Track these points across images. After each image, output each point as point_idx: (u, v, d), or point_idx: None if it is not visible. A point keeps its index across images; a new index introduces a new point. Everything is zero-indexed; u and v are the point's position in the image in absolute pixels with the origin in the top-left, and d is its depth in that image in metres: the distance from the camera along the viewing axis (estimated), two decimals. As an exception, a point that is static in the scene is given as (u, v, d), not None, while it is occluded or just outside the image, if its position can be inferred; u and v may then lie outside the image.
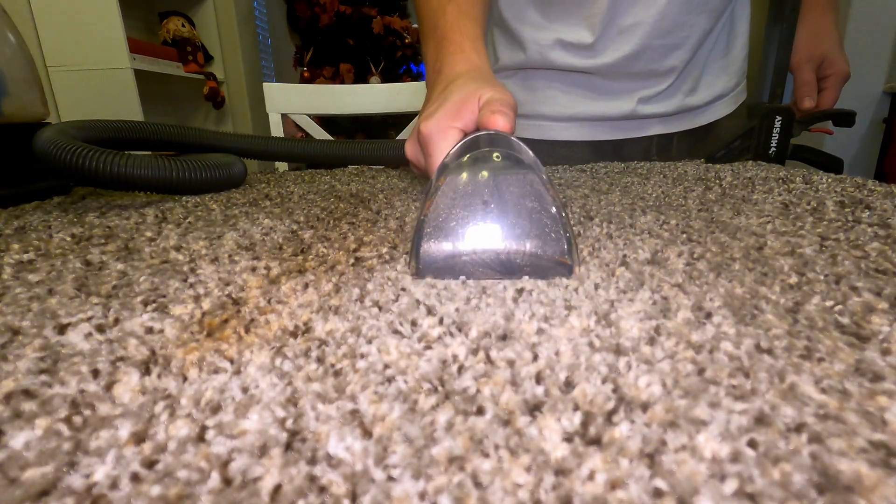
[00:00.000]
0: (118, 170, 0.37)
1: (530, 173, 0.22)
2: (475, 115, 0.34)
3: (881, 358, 0.15)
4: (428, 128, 0.35)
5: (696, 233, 0.29)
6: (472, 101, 0.35)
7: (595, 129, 0.68)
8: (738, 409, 0.12)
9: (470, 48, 0.44)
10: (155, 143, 0.53)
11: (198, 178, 0.43)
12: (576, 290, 0.20)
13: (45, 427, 0.12)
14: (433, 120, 0.35)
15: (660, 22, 0.59)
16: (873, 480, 0.10)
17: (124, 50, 1.56)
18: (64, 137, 0.38)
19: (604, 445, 0.11)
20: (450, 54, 0.43)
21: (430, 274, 0.22)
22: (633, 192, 0.42)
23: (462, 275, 0.22)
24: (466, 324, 0.17)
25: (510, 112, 0.32)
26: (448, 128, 0.34)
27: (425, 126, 0.35)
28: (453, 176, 0.23)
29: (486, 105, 0.34)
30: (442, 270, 0.22)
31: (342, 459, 0.11)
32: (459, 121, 0.35)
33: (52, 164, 0.37)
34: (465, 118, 0.35)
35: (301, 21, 2.42)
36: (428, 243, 0.22)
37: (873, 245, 0.25)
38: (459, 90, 0.37)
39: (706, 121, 0.68)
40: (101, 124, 0.47)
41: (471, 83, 0.37)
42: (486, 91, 0.35)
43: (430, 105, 0.38)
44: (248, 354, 0.16)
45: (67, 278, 0.23)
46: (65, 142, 0.37)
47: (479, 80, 0.38)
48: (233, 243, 0.29)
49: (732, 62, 0.67)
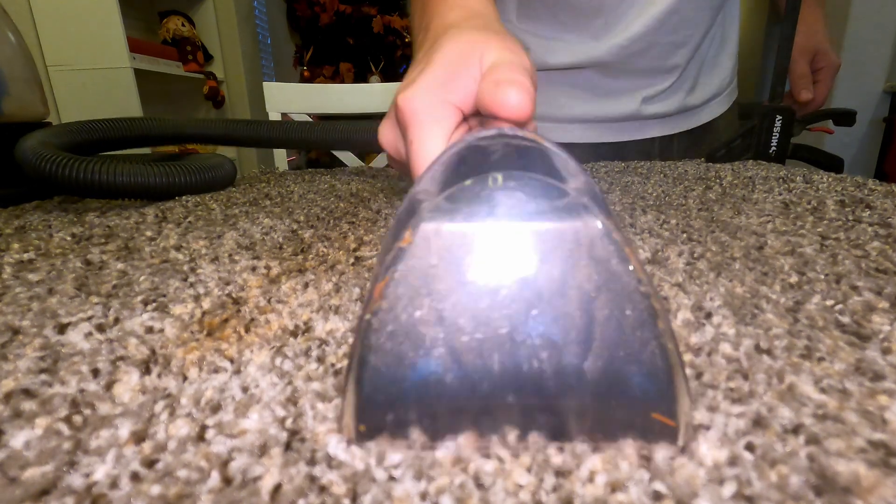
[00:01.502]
0: (98, 178, 0.36)
1: (589, 219, 0.11)
2: (475, 81, 0.24)
3: (881, 357, 0.15)
4: (408, 100, 0.24)
5: (697, 232, 0.29)
6: (472, 61, 0.24)
7: (597, 130, 0.67)
8: (736, 412, 0.12)
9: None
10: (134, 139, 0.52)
11: (183, 181, 0.42)
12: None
13: (45, 426, 0.12)
14: (416, 88, 0.24)
15: (669, 17, 0.58)
16: (872, 481, 0.10)
17: (124, 49, 1.56)
18: (44, 147, 0.37)
19: (604, 448, 0.11)
20: (440, 2, 0.31)
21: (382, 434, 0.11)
22: (634, 191, 0.42)
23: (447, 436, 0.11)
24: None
25: (526, 80, 0.22)
26: (439, 102, 0.24)
27: (405, 98, 0.24)
28: (429, 225, 0.11)
29: (491, 71, 0.23)
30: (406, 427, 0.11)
31: (342, 459, 0.11)
32: (454, 91, 0.24)
33: (33, 174, 0.36)
34: (464, 87, 0.24)
35: (301, 20, 2.42)
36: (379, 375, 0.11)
37: (874, 244, 0.25)
38: (453, 43, 0.25)
39: (703, 120, 0.69)
40: (77, 127, 0.46)
41: (469, 32, 0.26)
42: (490, 46, 0.24)
43: (414, 68, 0.27)
44: (249, 354, 0.16)
45: (67, 278, 0.23)
46: (45, 151, 0.36)
47: (481, 28, 0.27)
48: (233, 243, 0.29)
49: (726, 59, 0.68)
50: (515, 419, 0.11)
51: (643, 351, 0.11)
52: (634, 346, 0.11)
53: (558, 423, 0.11)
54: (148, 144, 0.55)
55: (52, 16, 1.53)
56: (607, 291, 0.11)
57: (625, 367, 0.11)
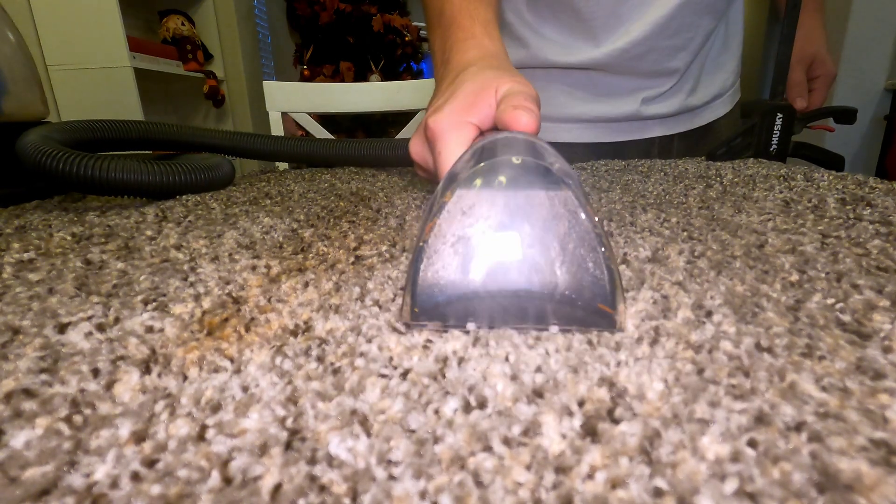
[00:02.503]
0: (98, 174, 0.37)
1: (563, 189, 0.17)
2: (492, 110, 0.30)
3: (882, 356, 0.15)
4: (437, 122, 0.30)
5: (697, 230, 0.29)
6: (489, 93, 0.31)
7: (597, 130, 0.67)
8: (738, 409, 0.12)
9: (482, 32, 0.38)
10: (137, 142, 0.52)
11: (181, 180, 0.42)
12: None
13: (45, 426, 0.12)
14: (443, 113, 0.31)
15: (668, 22, 0.58)
16: (873, 479, 0.10)
17: (124, 48, 1.56)
18: (46, 142, 0.38)
19: (603, 444, 0.11)
20: (459, 41, 0.38)
21: (430, 319, 0.17)
22: (634, 189, 0.42)
23: (471, 321, 0.17)
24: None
25: (534, 107, 0.28)
26: (461, 122, 0.30)
27: (434, 120, 0.31)
28: (462, 190, 0.18)
29: (506, 98, 0.29)
30: (445, 315, 0.17)
31: (342, 458, 0.11)
32: (474, 115, 0.30)
33: (34, 168, 0.37)
34: (481, 112, 0.30)
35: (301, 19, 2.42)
36: (427, 279, 0.17)
37: (874, 242, 0.25)
38: (473, 79, 0.32)
39: (705, 121, 0.68)
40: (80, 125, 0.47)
41: (486, 71, 0.33)
42: (504, 81, 0.31)
43: (439, 97, 0.34)
44: (249, 353, 0.16)
45: (68, 277, 0.23)
46: (47, 147, 0.37)
47: (496, 67, 0.34)
48: (233, 242, 0.29)
49: (729, 60, 0.68)
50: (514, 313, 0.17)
51: (594, 268, 0.17)
52: (589, 265, 0.17)
53: (542, 316, 0.17)
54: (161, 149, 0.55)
55: (52, 15, 1.53)
56: (573, 232, 0.17)
57: (583, 278, 0.17)
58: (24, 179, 0.46)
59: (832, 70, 0.68)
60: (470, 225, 0.17)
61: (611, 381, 0.14)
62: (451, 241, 0.17)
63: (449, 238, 0.17)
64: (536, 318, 0.17)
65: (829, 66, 0.68)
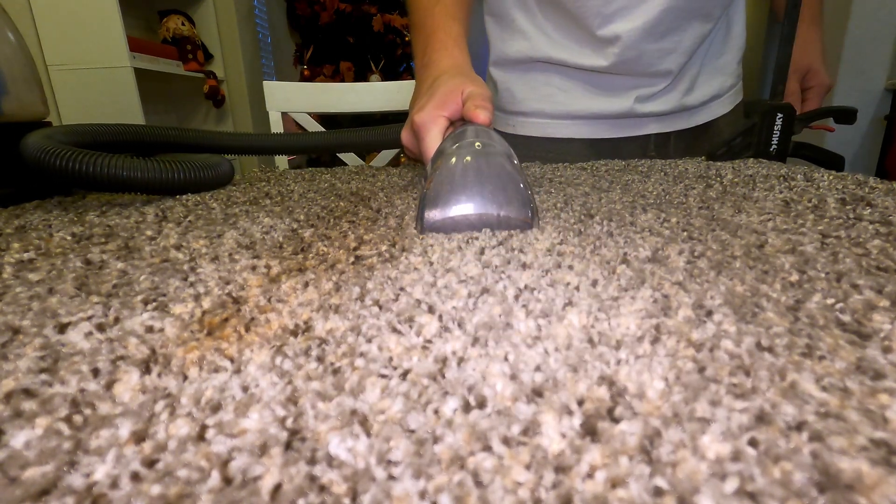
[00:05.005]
0: (105, 171, 0.38)
1: (504, 159, 0.31)
2: (459, 106, 0.42)
3: (882, 356, 0.15)
4: (421, 118, 0.42)
5: (697, 231, 0.29)
6: (457, 94, 0.42)
7: (593, 126, 0.68)
8: (739, 408, 0.12)
9: (453, 45, 0.52)
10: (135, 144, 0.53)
11: (180, 178, 0.43)
12: (577, 288, 0.20)
13: (45, 426, 0.12)
14: (425, 111, 0.42)
15: (654, 27, 0.59)
16: (874, 479, 0.10)
17: (124, 48, 1.56)
18: (51, 142, 0.38)
19: (603, 443, 0.11)
20: (436, 51, 0.52)
21: (432, 231, 0.30)
22: (634, 189, 0.42)
23: (455, 231, 0.30)
24: (465, 321, 0.17)
25: (489, 105, 0.40)
26: (437, 116, 0.42)
27: (418, 117, 0.42)
28: (446, 160, 0.31)
29: (470, 99, 0.41)
30: (440, 229, 0.30)
31: (342, 458, 0.11)
32: (446, 110, 0.42)
33: (34, 165, 0.38)
34: (451, 108, 0.42)
35: (301, 19, 2.42)
36: (429, 210, 0.30)
37: (874, 242, 0.25)
38: (445, 84, 0.44)
39: (703, 120, 0.69)
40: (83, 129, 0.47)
41: (454, 78, 0.45)
42: (467, 85, 0.42)
43: (421, 98, 0.46)
44: (249, 353, 0.16)
45: (68, 277, 0.23)
46: (51, 146, 0.38)
47: (462, 75, 0.46)
48: (233, 242, 0.29)
49: (729, 62, 0.68)
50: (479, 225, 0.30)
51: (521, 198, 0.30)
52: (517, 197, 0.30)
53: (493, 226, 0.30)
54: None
55: (52, 15, 1.53)
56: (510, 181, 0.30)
57: (514, 204, 0.30)
58: (24, 179, 0.46)
59: (826, 81, 0.70)
60: (452, 179, 0.30)
61: (611, 379, 0.14)
62: (441, 189, 0.30)
63: (440, 188, 0.30)
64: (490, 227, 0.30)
65: (823, 77, 0.70)
